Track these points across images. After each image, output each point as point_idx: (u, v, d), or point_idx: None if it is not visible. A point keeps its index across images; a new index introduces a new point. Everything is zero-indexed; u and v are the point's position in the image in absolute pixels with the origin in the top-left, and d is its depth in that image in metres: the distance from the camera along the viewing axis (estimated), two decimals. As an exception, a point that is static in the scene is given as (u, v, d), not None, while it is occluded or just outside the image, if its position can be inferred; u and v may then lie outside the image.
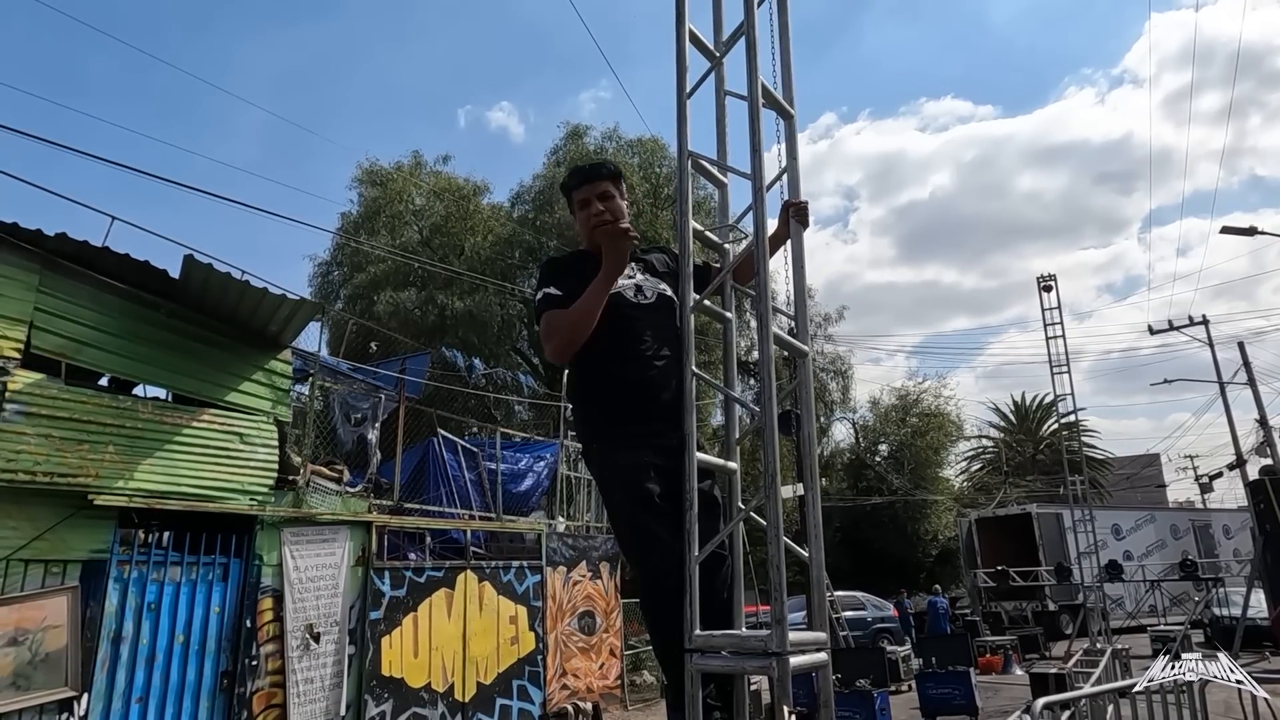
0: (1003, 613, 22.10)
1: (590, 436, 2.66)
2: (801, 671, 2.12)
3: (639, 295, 2.65)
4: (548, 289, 2.58)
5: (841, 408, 33.02)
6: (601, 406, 2.57)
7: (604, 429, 2.55)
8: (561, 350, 2.54)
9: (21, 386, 6.51)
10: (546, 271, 2.71)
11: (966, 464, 43.59)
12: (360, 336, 13.47)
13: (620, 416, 2.48)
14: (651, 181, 21.86)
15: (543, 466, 12.58)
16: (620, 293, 2.59)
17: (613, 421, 2.50)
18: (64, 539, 6.64)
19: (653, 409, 2.44)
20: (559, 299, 2.54)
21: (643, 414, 2.44)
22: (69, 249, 6.96)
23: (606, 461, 2.52)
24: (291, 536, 8.26)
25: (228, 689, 7.54)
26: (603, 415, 2.56)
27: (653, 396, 2.46)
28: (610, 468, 2.50)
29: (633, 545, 2.44)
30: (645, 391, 2.47)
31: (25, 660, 6.27)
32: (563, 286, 2.57)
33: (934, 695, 10.93)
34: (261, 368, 8.41)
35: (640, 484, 2.34)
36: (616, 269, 2.50)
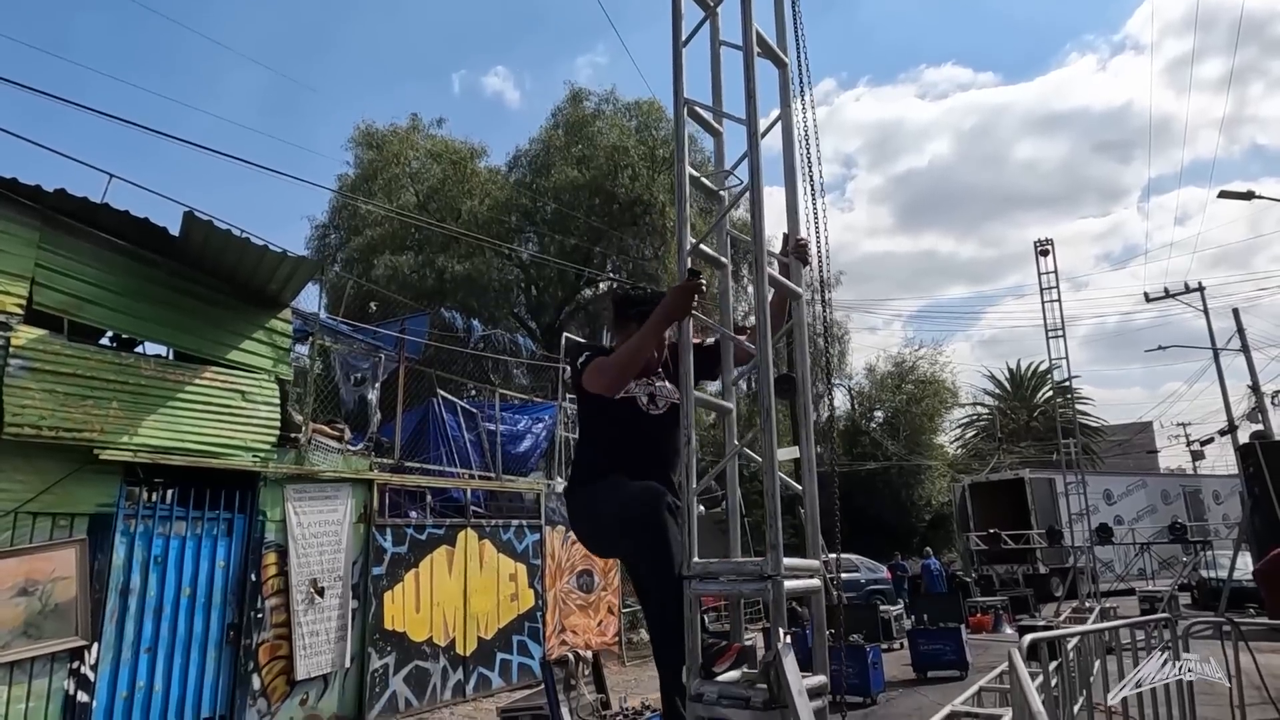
0: (994, 575, 22.42)
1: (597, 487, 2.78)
2: (795, 595, 2.22)
3: (651, 405, 2.79)
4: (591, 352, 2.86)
5: (837, 374, 33.16)
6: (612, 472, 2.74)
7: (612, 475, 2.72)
8: (615, 384, 2.69)
9: (25, 342, 6.56)
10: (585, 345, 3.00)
11: (961, 431, 43.90)
12: (358, 299, 13.50)
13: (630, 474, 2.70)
14: (648, 144, 21.70)
15: (541, 428, 12.70)
16: (635, 399, 2.77)
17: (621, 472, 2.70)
18: (71, 493, 6.75)
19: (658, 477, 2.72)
20: (606, 352, 2.83)
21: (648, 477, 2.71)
22: (68, 206, 6.97)
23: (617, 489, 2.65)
24: (294, 493, 8.38)
25: (234, 641, 7.70)
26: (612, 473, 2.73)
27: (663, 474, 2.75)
28: (624, 492, 2.62)
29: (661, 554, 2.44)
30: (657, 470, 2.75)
31: (36, 610, 6.40)
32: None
33: (925, 651, 11.17)
34: (262, 326, 8.47)
35: (660, 500, 2.49)
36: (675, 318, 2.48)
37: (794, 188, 2.32)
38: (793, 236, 2.50)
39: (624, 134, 21.64)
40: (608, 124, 22.00)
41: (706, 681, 2.28)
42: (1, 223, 6.59)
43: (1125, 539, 21.16)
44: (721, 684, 2.25)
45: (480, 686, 9.98)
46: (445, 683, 9.54)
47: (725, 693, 2.23)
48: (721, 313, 2.54)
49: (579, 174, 21.09)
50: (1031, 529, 22.23)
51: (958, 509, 25.27)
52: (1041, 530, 21.42)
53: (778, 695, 2.08)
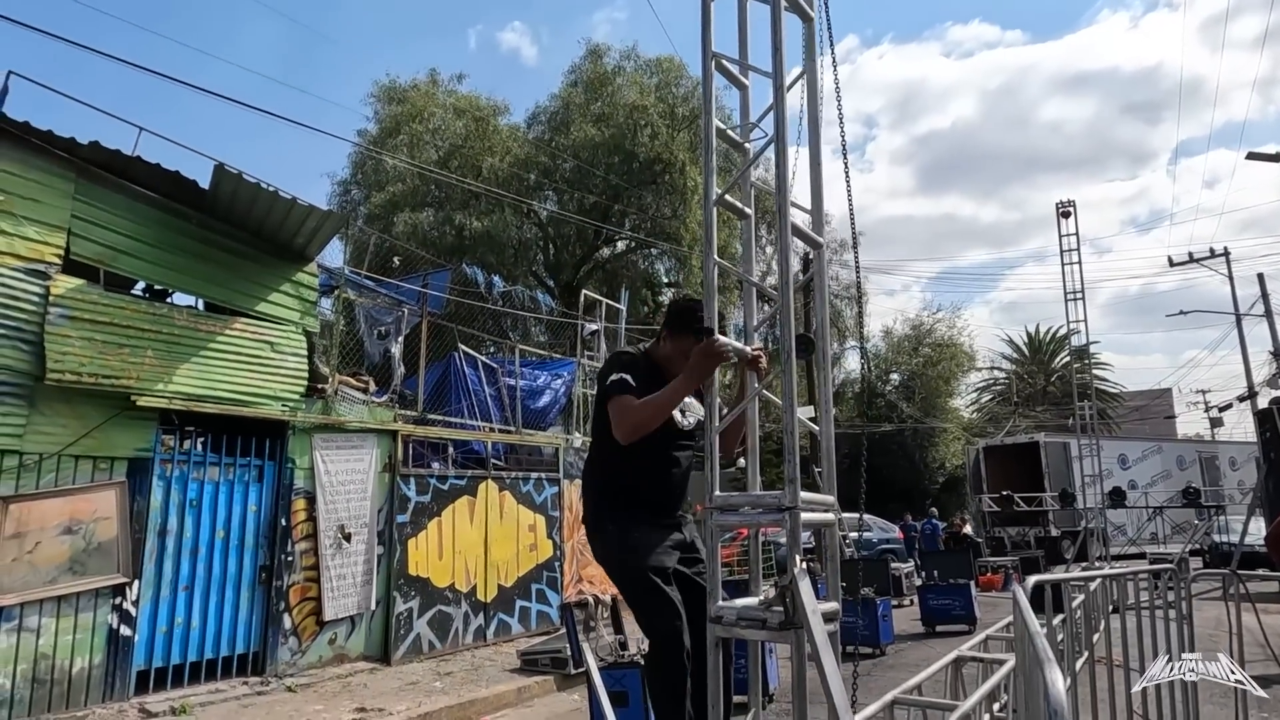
0: (1005, 537, 22.62)
1: (605, 518, 2.96)
2: (811, 527, 2.37)
3: (684, 419, 2.94)
4: (623, 375, 2.79)
5: (854, 336, 33.13)
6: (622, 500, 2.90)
7: (621, 512, 2.89)
8: (632, 434, 2.75)
9: (64, 291, 6.77)
10: (621, 360, 2.93)
11: (977, 395, 43.88)
12: (380, 254, 13.65)
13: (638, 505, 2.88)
14: (668, 102, 21.53)
15: (560, 384, 12.88)
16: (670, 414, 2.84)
17: (631, 506, 2.88)
18: (110, 437, 7.01)
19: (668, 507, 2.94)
20: (633, 388, 2.77)
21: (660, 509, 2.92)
22: (101, 158, 7.13)
23: (625, 537, 2.84)
24: (322, 442, 8.62)
25: (266, 582, 8.02)
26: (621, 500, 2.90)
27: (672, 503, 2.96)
28: (629, 542, 2.82)
29: (652, 609, 2.72)
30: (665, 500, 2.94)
31: (80, 548, 6.71)
32: (636, 378, 2.80)
33: (934, 606, 11.40)
34: (289, 279, 8.64)
35: (661, 556, 2.77)
36: (697, 383, 2.61)
37: (817, 143, 2.41)
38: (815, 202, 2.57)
39: (644, 92, 21.47)
40: (627, 81, 21.82)
41: (725, 604, 2.44)
42: (39, 174, 6.76)
43: (1138, 503, 21.24)
44: (740, 607, 2.41)
45: (500, 632, 10.32)
46: (467, 627, 9.87)
47: (743, 615, 2.38)
48: (744, 263, 2.64)
49: (598, 132, 20.99)
50: (1044, 492, 22.34)
51: (971, 471, 25.39)
52: (1054, 494, 21.53)
53: (793, 617, 2.24)
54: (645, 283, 22.65)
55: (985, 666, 5.46)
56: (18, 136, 6.64)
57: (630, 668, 5.86)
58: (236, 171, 7.22)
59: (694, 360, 2.52)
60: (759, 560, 2.78)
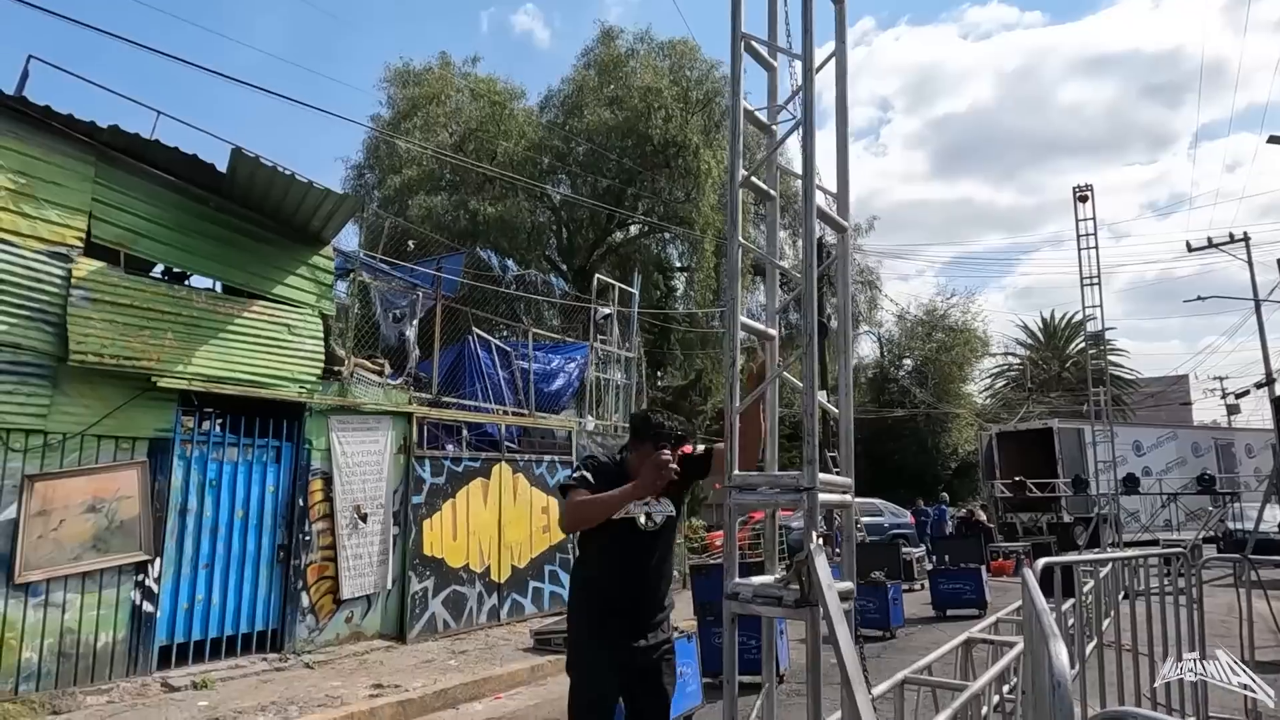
0: (1017, 523, 22.59)
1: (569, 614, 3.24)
2: (829, 507, 2.40)
3: (649, 522, 3.04)
4: (583, 473, 3.04)
5: (868, 321, 33.05)
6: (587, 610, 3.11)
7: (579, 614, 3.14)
8: (570, 527, 3.17)
9: (86, 274, 6.86)
10: (587, 463, 3.13)
11: (991, 380, 43.72)
12: (395, 238, 13.71)
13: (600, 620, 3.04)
14: (681, 85, 21.40)
15: (574, 367, 12.94)
16: (634, 519, 3.01)
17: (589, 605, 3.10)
18: (131, 418, 7.11)
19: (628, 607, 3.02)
20: (590, 484, 2.98)
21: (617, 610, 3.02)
22: (121, 142, 7.19)
23: (574, 652, 3.13)
24: (338, 424, 8.71)
25: (284, 560, 8.14)
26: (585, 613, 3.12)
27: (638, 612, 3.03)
28: (574, 658, 3.11)
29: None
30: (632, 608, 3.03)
31: (104, 526, 6.83)
32: (598, 480, 2.99)
33: (945, 590, 11.45)
34: (305, 263, 8.71)
35: (598, 683, 2.99)
36: (643, 494, 2.89)
37: (844, 126, 2.42)
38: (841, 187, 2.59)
39: (657, 74, 21.36)
40: (641, 64, 21.71)
41: (741, 581, 2.48)
42: (60, 158, 6.83)
43: (1152, 490, 21.15)
44: (756, 584, 2.45)
45: (514, 612, 10.43)
46: (481, 607, 9.99)
47: (759, 592, 2.42)
48: (768, 244, 2.66)
49: (611, 115, 20.92)
50: (1058, 478, 22.28)
51: (984, 457, 25.31)
52: (1067, 480, 21.47)
53: (808, 594, 2.27)
54: (658, 267, 22.64)
55: (995, 648, 5.50)
56: (39, 121, 6.71)
57: (644, 647, 5.93)
58: (253, 155, 7.27)
59: (643, 474, 2.79)
60: (775, 540, 2.82)
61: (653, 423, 2.98)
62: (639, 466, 2.91)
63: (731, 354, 2.35)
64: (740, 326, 2.42)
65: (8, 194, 6.49)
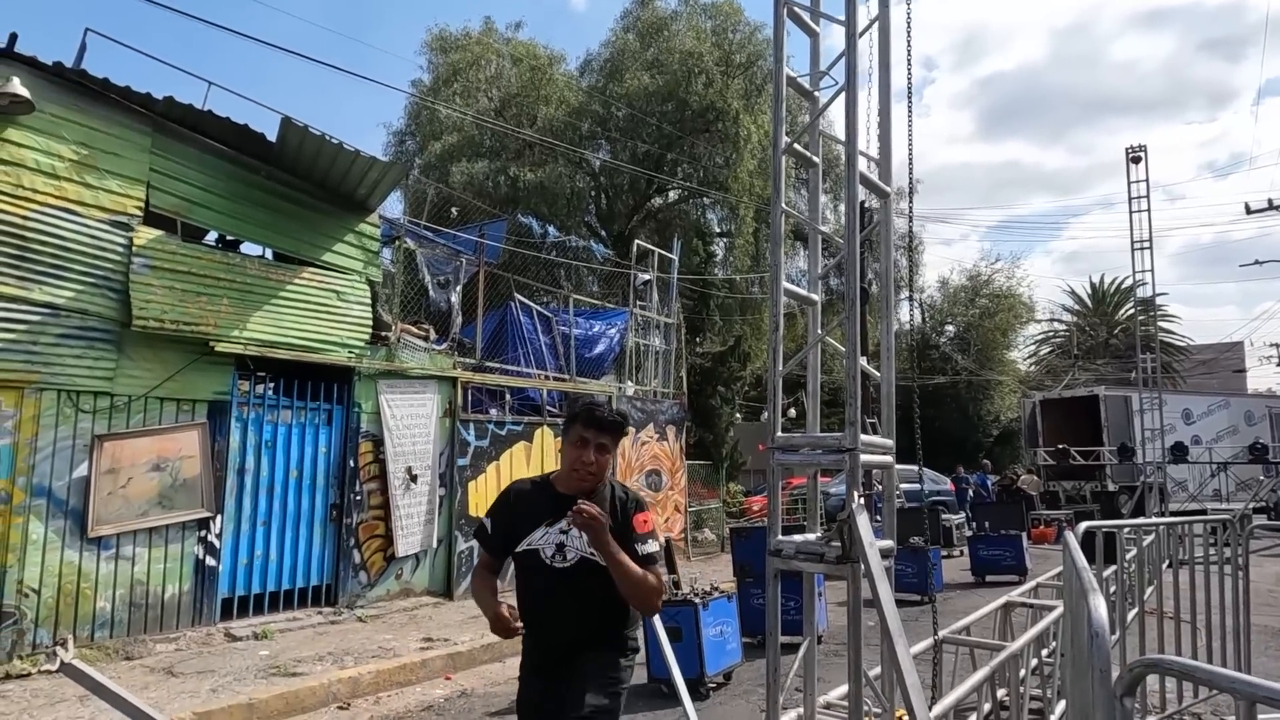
0: (1060, 491, 22.34)
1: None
2: (870, 468, 2.47)
3: (558, 556, 2.54)
4: (485, 519, 2.73)
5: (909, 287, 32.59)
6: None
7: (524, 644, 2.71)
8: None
9: (145, 242, 7.10)
10: (499, 497, 2.78)
11: (1035, 347, 42.95)
12: (437, 206, 13.88)
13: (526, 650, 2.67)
14: (724, 48, 21.10)
15: (614, 333, 13.05)
16: (537, 551, 2.56)
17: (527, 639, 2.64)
18: (191, 381, 7.40)
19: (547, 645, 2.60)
20: (487, 537, 2.72)
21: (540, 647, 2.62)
22: (176, 112, 7.38)
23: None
24: (386, 387, 8.95)
25: (337, 519, 8.44)
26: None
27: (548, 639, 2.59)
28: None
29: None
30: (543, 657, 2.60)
31: (168, 484, 7.15)
32: (495, 522, 2.69)
33: (985, 556, 11.44)
34: (352, 230, 8.89)
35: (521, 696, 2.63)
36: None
37: (887, 91, 2.44)
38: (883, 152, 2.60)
39: (699, 37, 21.08)
40: (684, 26, 21.44)
41: (784, 539, 2.57)
42: (119, 129, 7.04)
43: (1201, 458, 20.72)
44: (799, 541, 2.54)
45: (556, 572, 10.68)
46: (524, 566, 10.25)
47: (802, 549, 2.51)
48: (810, 210, 2.70)
49: (651, 80, 20.74)
50: (1102, 446, 21.93)
51: (1027, 425, 24.98)
52: (1113, 448, 21.13)
53: (849, 551, 2.36)
54: (697, 232, 22.52)
55: (1034, 612, 5.54)
56: (99, 93, 6.92)
57: (684, 605, 6.09)
58: (302, 124, 7.41)
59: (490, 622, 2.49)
60: (816, 499, 2.89)
61: (582, 411, 2.61)
62: (568, 455, 2.60)
63: (775, 319, 2.41)
64: (783, 292, 2.47)
65: (71, 165, 6.73)
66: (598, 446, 2.56)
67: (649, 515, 2.64)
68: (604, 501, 2.55)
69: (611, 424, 2.59)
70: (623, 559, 2.44)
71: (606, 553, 2.43)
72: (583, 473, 2.56)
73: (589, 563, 2.49)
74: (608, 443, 2.59)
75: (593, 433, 2.56)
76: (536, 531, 2.57)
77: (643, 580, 2.47)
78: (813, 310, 2.65)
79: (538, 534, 2.57)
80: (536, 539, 2.57)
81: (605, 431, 2.57)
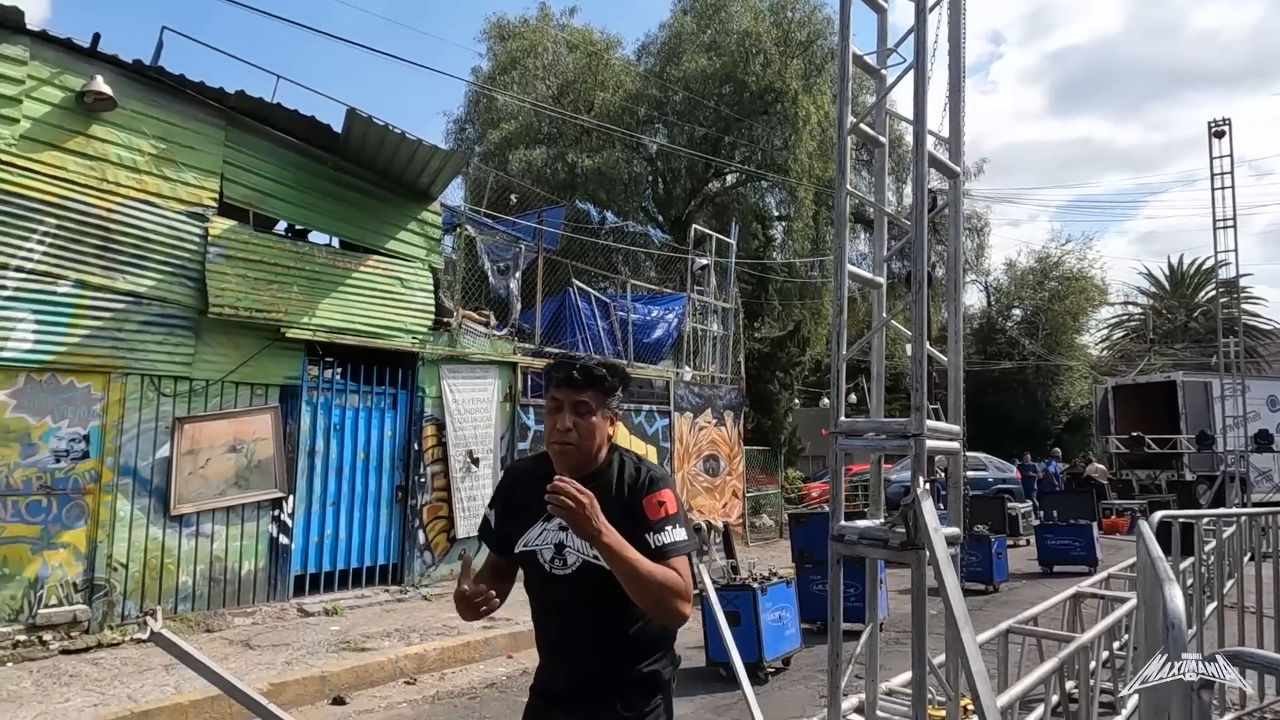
0: (1134, 480, 21.58)
1: None
2: (935, 454, 2.43)
3: (556, 561, 1.99)
4: (488, 510, 2.20)
5: (975, 270, 31.70)
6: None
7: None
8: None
9: (220, 232, 7.37)
10: (500, 480, 2.28)
11: (1108, 331, 41.40)
12: (496, 193, 14.04)
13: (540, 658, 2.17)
14: (782, 27, 20.75)
15: (672, 318, 13.05)
16: (536, 553, 2.01)
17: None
18: (264, 366, 7.67)
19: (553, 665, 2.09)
20: (489, 532, 2.17)
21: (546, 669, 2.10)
22: (247, 106, 7.62)
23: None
24: (448, 372, 9.13)
25: (402, 500, 8.67)
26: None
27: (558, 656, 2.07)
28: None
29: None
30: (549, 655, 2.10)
31: (244, 465, 7.44)
32: (494, 508, 2.17)
33: (1052, 546, 11.13)
34: (415, 218, 9.07)
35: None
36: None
37: (958, 68, 2.38)
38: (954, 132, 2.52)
39: (757, 17, 20.78)
40: (741, 6, 21.16)
41: (847, 524, 2.55)
42: (195, 123, 7.31)
43: (1287, 447, 19.74)
44: (862, 527, 2.52)
45: (614, 555, 10.79)
46: (583, 549, 10.37)
47: (865, 534, 2.49)
48: (876, 193, 2.66)
49: (709, 62, 20.55)
50: (1180, 434, 21.10)
51: (1099, 411, 24.16)
52: (1190, 436, 20.30)
53: (914, 538, 2.33)
54: (755, 216, 22.30)
55: (1106, 603, 5.38)
56: (175, 89, 7.18)
57: (743, 590, 6.10)
58: (366, 115, 7.57)
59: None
60: (880, 485, 2.86)
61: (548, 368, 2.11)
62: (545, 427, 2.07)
63: (839, 303, 2.38)
64: (846, 275, 2.44)
65: (151, 159, 7.01)
66: (574, 406, 1.96)
67: (666, 494, 1.99)
68: (609, 481, 1.99)
69: (587, 376, 1.97)
70: (625, 552, 1.82)
71: (598, 545, 1.81)
72: (561, 445, 1.96)
73: (594, 568, 1.90)
74: (589, 400, 1.97)
75: (564, 392, 1.97)
76: (534, 528, 2.01)
77: (654, 578, 1.83)
78: (877, 294, 2.61)
79: (535, 531, 2.01)
80: (534, 538, 2.02)
81: (581, 388, 1.96)
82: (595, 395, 1.98)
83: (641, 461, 2.07)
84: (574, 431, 1.95)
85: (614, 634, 1.96)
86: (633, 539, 1.86)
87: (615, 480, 2.00)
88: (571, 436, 1.95)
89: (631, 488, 1.99)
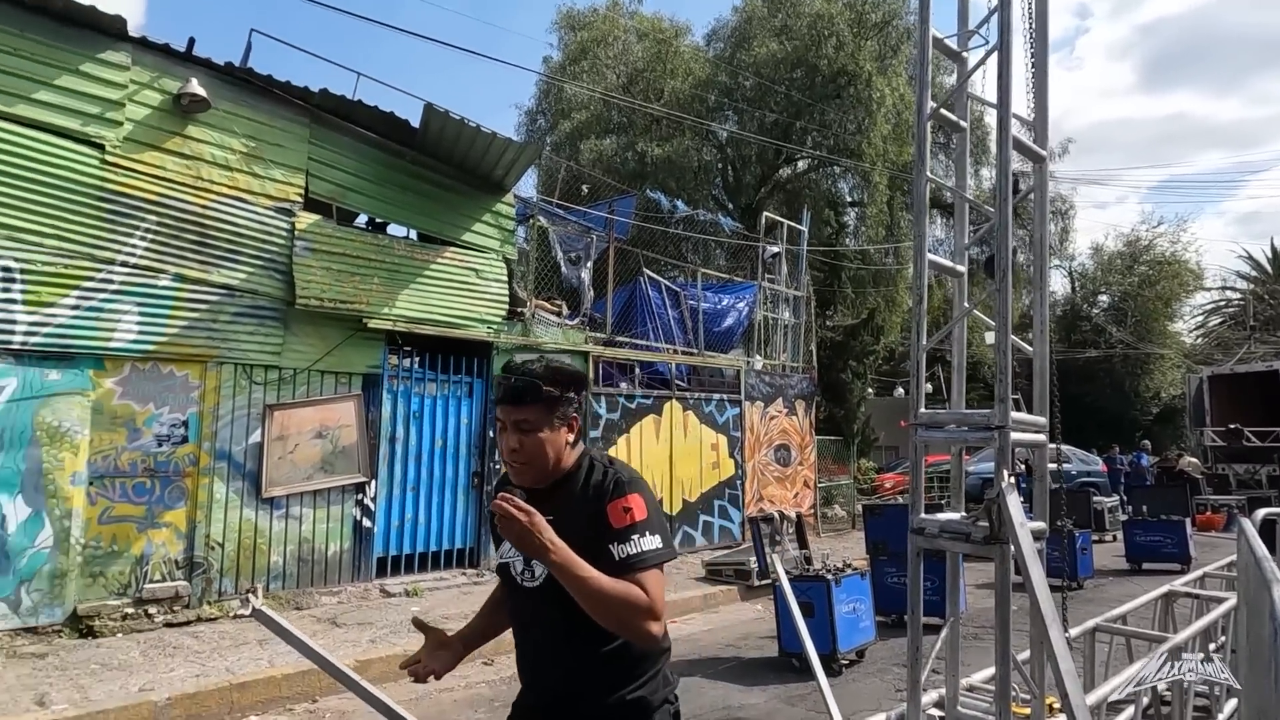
0: (1230, 475, 20.50)
1: None
2: (1021, 445, 2.37)
3: (526, 573, 1.92)
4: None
5: (1059, 254, 30.50)
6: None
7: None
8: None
9: (306, 226, 7.66)
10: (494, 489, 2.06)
11: (1203, 318, 39.33)
12: (568, 184, 14.17)
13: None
14: (856, 9, 20.25)
15: (743, 306, 12.98)
16: (509, 565, 1.97)
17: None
18: (347, 356, 7.95)
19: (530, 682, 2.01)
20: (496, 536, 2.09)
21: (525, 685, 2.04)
22: (330, 104, 7.88)
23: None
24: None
25: (478, 487, 8.88)
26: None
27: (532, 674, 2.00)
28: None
29: None
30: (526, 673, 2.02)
31: (330, 451, 7.74)
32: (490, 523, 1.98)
33: (1141, 542, 10.68)
34: (489, 210, 9.23)
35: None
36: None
37: (1044, 48, 2.30)
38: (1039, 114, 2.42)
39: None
40: (813, -14, 20.77)
41: (928, 518, 2.52)
42: (282, 122, 7.60)
43: (1405, 442, 18.46)
44: (943, 520, 2.48)
45: (684, 543, 10.84)
46: (654, 537, 10.45)
47: (946, 528, 2.45)
48: (957, 178, 2.59)
49: (780, 46, 20.24)
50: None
51: (1193, 402, 23.00)
52: (1295, 428, 19.16)
53: (998, 532, 2.28)
54: (827, 202, 21.92)
55: (1201, 603, 5.15)
56: (263, 89, 7.48)
57: (816, 581, 6.06)
58: (443, 110, 7.74)
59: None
60: (961, 478, 2.80)
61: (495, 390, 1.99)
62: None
63: (919, 291, 2.34)
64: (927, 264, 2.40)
65: (241, 157, 7.32)
66: (516, 425, 1.83)
67: (634, 499, 1.82)
68: (573, 490, 1.87)
69: (522, 393, 1.82)
70: (576, 570, 1.69)
71: (547, 563, 1.71)
72: (510, 464, 1.88)
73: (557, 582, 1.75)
74: (529, 418, 1.83)
75: (505, 410, 1.85)
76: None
77: (614, 596, 1.70)
78: (958, 282, 2.56)
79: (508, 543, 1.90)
80: (508, 549, 1.94)
81: (521, 405, 1.83)
82: (537, 411, 1.83)
83: (612, 464, 1.91)
84: (520, 451, 1.84)
85: (585, 652, 1.83)
86: (598, 550, 1.74)
87: (580, 487, 1.87)
88: (519, 456, 1.85)
89: (596, 493, 1.84)
